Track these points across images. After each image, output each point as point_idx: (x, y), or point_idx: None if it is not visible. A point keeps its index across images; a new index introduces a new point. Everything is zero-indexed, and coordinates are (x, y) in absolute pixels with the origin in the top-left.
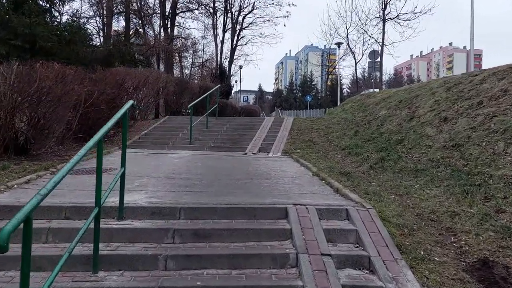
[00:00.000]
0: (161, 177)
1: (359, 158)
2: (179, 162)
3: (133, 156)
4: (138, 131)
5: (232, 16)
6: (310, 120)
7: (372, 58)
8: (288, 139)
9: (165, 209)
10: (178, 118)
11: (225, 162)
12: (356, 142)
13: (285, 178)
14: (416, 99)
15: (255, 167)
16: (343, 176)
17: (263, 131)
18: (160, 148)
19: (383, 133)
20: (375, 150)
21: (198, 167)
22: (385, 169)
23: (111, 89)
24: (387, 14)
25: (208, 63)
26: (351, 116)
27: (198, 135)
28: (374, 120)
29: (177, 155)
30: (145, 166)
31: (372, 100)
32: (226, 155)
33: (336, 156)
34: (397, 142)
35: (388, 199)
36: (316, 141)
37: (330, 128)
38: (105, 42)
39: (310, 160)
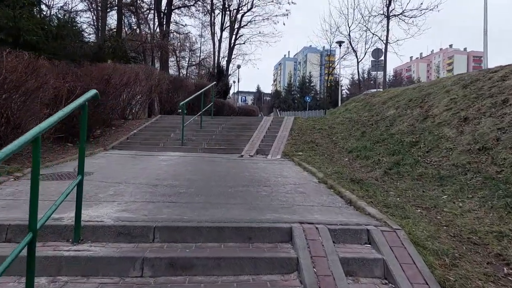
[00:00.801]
0: (142, 183)
1: (369, 162)
2: (167, 165)
3: (117, 159)
4: (127, 130)
5: (231, 14)
6: (312, 120)
7: (376, 57)
8: (289, 140)
9: (136, 229)
10: (171, 118)
11: (219, 166)
12: (364, 144)
13: (286, 186)
14: (428, 98)
15: (252, 172)
16: (355, 183)
17: (261, 131)
18: (149, 149)
19: (393, 134)
20: (387, 153)
21: (187, 172)
22: (402, 175)
23: (96, 85)
24: (391, 11)
25: (205, 61)
26: (356, 116)
27: (191, 136)
28: (382, 120)
29: (166, 158)
30: (127, 170)
31: (378, 99)
32: (220, 157)
33: (342, 160)
34: (411, 144)
35: (414, 214)
36: (319, 143)
37: (333, 128)
38: (98, 37)
39: (314, 164)
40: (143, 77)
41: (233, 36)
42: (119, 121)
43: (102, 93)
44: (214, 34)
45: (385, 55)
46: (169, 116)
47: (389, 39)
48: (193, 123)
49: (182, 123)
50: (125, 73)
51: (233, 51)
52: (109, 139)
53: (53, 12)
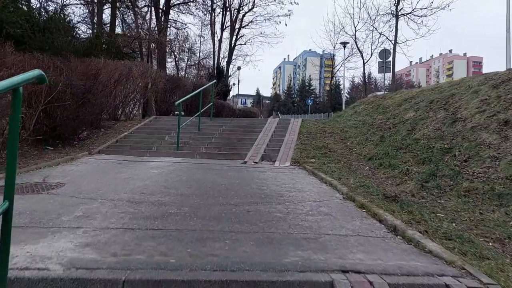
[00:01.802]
0: (123, 199)
1: (396, 172)
2: (157, 174)
3: (101, 165)
4: (118, 132)
5: (231, 13)
6: (322, 123)
7: (383, 58)
8: (298, 144)
9: (96, 284)
10: (167, 119)
11: (219, 175)
12: (385, 150)
13: (305, 204)
14: (452, 99)
15: (259, 184)
16: (391, 201)
17: (266, 134)
18: (139, 154)
19: (418, 140)
20: (416, 162)
21: (181, 183)
22: (444, 190)
23: (81, 81)
24: (400, 10)
25: (205, 62)
26: (369, 119)
27: (188, 139)
28: (401, 124)
29: (158, 164)
30: (108, 180)
31: (390, 101)
32: (220, 164)
33: (362, 168)
34: (443, 152)
35: (490, 252)
36: (333, 148)
37: (346, 132)
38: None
39: (331, 174)
40: (137, 74)
41: (233, 37)
42: (109, 122)
43: (88, 91)
44: (214, 34)
45: (394, 56)
46: (164, 117)
47: (397, 39)
48: (191, 125)
49: (178, 124)
50: (116, 69)
51: (234, 51)
52: (96, 141)
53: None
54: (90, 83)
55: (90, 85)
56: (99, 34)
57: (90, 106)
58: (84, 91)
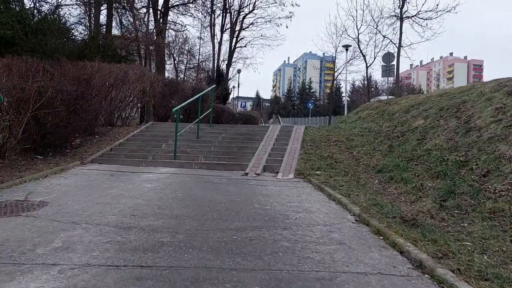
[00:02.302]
0: (111, 224)
1: (409, 188)
2: (151, 190)
3: (92, 178)
4: (113, 140)
5: (231, 15)
6: (326, 130)
7: (387, 61)
8: (301, 154)
9: None
10: (164, 125)
11: (218, 191)
12: (394, 161)
13: (314, 229)
14: (464, 107)
15: (262, 203)
16: (410, 226)
17: (268, 142)
18: (134, 163)
19: (430, 150)
20: (429, 176)
21: (176, 201)
22: (465, 211)
23: (73, 86)
24: (404, 12)
25: (204, 64)
26: (375, 126)
27: (186, 147)
28: (409, 132)
29: (153, 177)
30: (97, 198)
31: (396, 107)
32: (220, 176)
33: (372, 182)
34: (458, 165)
35: None
36: (339, 158)
37: (352, 140)
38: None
39: (339, 188)
40: (134, 78)
41: (233, 39)
42: (105, 128)
43: (81, 96)
44: (214, 36)
45: (398, 59)
46: (162, 124)
47: (402, 42)
48: (189, 132)
49: (175, 132)
50: (111, 73)
51: (234, 54)
52: (90, 149)
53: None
54: (82, 88)
55: (82, 91)
56: (95, 36)
57: (83, 112)
58: (76, 97)
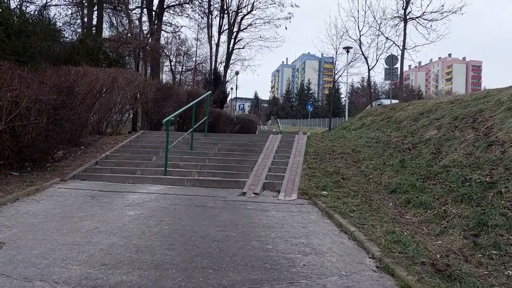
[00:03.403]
0: (71, 282)
1: (431, 215)
2: (133, 220)
3: (68, 202)
4: (99, 151)
5: (229, 16)
6: (329, 140)
7: (390, 64)
8: (305, 169)
9: None
10: (156, 134)
11: (212, 221)
12: (409, 179)
13: (327, 281)
14: (481, 116)
15: (262, 238)
16: (445, 278)
17: (267, 155)
18: (120, 180)
19: (448, 167)
20: (452, 200)
21: (160, 240)
22: (505, 252)
23: (53, 94)
24: (408, 14)
25: (201, 66)
26: (383, 136)
27: (179, 160)
28: (422, 144)
29: (138, 199)
30: (65, 235)
31: (403, 114)
32: (214, 197)
33: (386, 206)
34: (484, 187)
35: None
36: (346, 174)
37: (359, 152)
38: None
39: (350, 215)
40: (124, 84)
41: (231, 40)
42: (92, 136)
43: (61, 106)
44: (211, 37)
45: (402, 62)
46: (154, 133)
47: (406, 44)
48: (183, 142)
49: (166, 145)
50: (97, 79)
51: (232, 56)
52: (73, 163)
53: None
54: (63, 97)
55: (63, 99)
56: (83, 39)
57: (66, 122)
58: (56, 107)
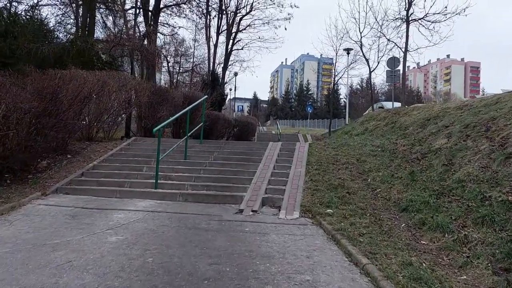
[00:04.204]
0: None
1: (450, 240)
2: (113, 249)
3: (44, 224)
4: (86, 161)
5: (228, 16)
6: (332, 148)
7: (391, 66)
8: (307, 182)
9: None
10: (149, 141)
11: (203, 249)
12: (421, 195)
13: None
14: (494, 125)
15: (261, 275)
16: None
17: (267, 165)
18: (107, 194)
19: (464, 182)
20: (472, 221)
21: (141, 277)
22: None
23: (33, 101)
24: (410, 15)
25: (199, 68)
26: (388, 144)
27: (171, 171)
28: (431, 154)
29: (123, 219)
30: (30, 272)
31: (408, 119)
32: (209, 215)
33: (398, 227)
34: (506, 207)
35: None
36: (351, 188)
37: (364, 162)
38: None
39: (359, 240)
40: (115, 87)
41: (230, 41)
42: (82, 143)
43: (43, 113)
44: (209, 38)
45: (404, 64)
46: (146, 140)
47: (408, 46)
48: (177, 150)
49: (157, 156)
50: (85, 83)
51: (230, 57)
52: (57, 174)
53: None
54: (45, 104)
55: (45, 107)
56: (74, 40)
57: (50, 130)
58: (37, 115)
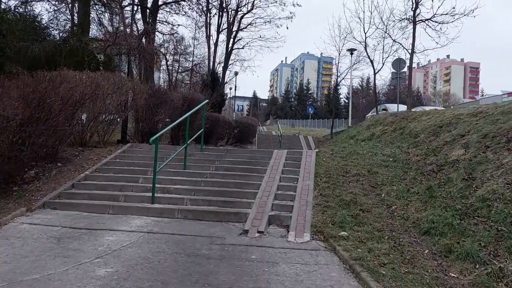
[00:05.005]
0: None
1: (483, 273)
2: (103, 283)
3: (24, 250)
4: (78, 170)
5: (229, 15)
6: (340, 157)
7: (397, 68)
8: (316, 197)
9: None
10: (145, 148)
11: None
12: (442, 216)
13: None
14: None
15: None
16: None
17: (272, 177)
18: (99, 210)
19: (489, 201)
20: (505, 250)
21: None
22: None
23: (18, 108)
24: (417, 15)
25: (199, 67)
26: (400, 153)
27: (170, 183)
28: (448, 167)
29: (114, 243)
30: None
31: (418, 125)
32: (210, 238)
33: (421, 254)
34: None
35: None
36: (365, 205)
37: (376, 174)
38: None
39: (381, 273)
40: (110, 90)
41: (231, 40)
42: (74, 149)
43: (28, 121)
44: (209, 36)
45: (410, 66)
46: (143, 146)
47: (415, 48)
48: (176, 158)
49: (154, 168)
50: (76, 86)
51: (231, 56)
52: (45, 186)
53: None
54: (30, 111)
55: (31, 114)
56: (67, 38)
57: (37, 137)
58: (22, 122)
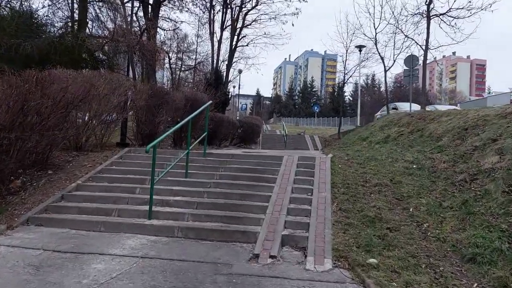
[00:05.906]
0: None
1: None
2: None
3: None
4: (69, 178)
5: (232, 11)
6: (357, 163)
7: (410, 65)
8: (335, 212)
9: None
10: (143, 153)
11: None
12: (487, 238)
13: None
14: None
15: None
16: None
17: (283, 187)
18: (89, 226)
19: None
20: None
21: None
22: None
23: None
24: (431, 10)
25: (202, 65)
26: (424, 159)
27: (170, 194)
28: (483, 176)
29: (103, 273)
30: None
31: (439, 127)
32: (214, 265)
33: None
34: None
35: None
36: (392, 222)
37: (400, 183)
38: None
39: None
40: (108, 90)
41: (235, 37)
42: (68, 154)
43: (11, 127)
44: (213, 33)
45: (424, 63)
46: (141, 151)
47: (429, 44)
48: (177, 165)
49: (151, 178)
50: (69, 86)
51: (235, 53)
52: (32, 198)
53: None
54: (12, 116)
55: (13, 119)
56: (63, 35)
57: (22, 144)
58: (3, 127)
